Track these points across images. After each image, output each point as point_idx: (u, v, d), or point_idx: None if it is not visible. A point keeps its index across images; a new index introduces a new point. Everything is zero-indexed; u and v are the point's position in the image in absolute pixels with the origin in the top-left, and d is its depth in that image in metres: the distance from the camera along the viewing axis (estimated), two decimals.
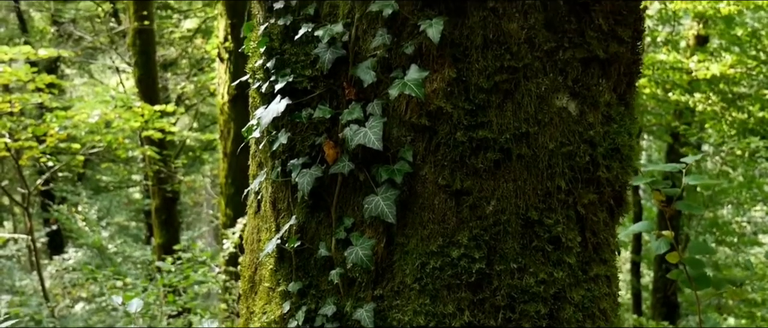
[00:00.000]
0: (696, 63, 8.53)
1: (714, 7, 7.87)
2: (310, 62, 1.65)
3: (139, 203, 13.81)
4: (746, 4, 7.92)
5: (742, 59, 8.53)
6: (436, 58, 1.56)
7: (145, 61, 9.59)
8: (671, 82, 9.01)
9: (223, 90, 8.02)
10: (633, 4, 1.68)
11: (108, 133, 8.55)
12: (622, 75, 1.72)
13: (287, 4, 1.66)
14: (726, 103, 9.19)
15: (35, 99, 8.14)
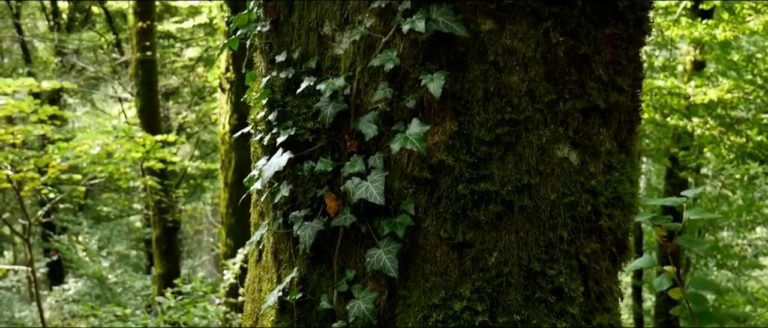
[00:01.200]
0: (693, 88, 8.58)
1: (710, 33, 7.92)
2: (312, 115, 1.66)
3: (139, 232, 13.78)
4: (742, 29, 7.96)
5: (738, 84, 8.58)
6: (437, 112, 1.57)
7: (147, 91, 9.64)
8: (669, 106, 9.05)
9: (224, 120, 8.04)
10: (632, 53, 1.69)
11: (109, 163, 8.56)
12: (623, 123, 1.73)
13: (289, 57, 1.68)
14: (724, 128, 9.21)
15: (38, 131, 8.17)
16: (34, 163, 8.05)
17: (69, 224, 11.54)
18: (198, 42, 12.40)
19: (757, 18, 7.63)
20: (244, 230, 7.51)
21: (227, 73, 7.82)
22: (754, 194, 10.25)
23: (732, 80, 8.53)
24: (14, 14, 12.03)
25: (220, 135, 8.17)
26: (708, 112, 9.03)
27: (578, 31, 1.57)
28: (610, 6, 1.59)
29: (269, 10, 1.69)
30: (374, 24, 1.58)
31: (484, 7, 1.52)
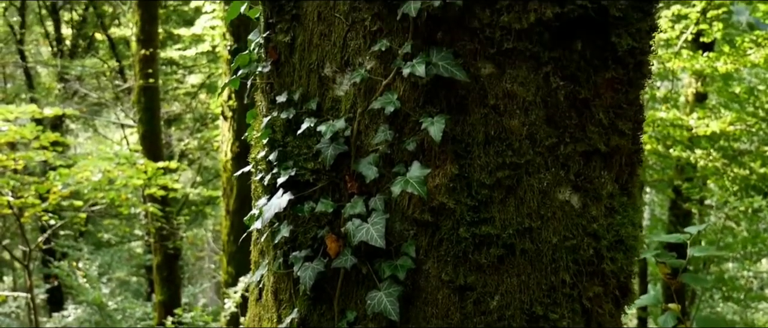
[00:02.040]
0: (696, 120, 8.58)
1: (711, 66, 7.95)
2: (313, 155, 1.66)
3: (140, 258, 13.73)
4: (743, 62, 7.99)
5: (741, 116, 8.58)
6: (438, 154, 1.56)
7: (149, 118, 9.68)
8: (672, 138, 9.05)
9: (226, 147, 8.06)
10: (632, 96, 1.69)
11: (111, 189, 8.56)
12: (624, 166, 1.72)
13: (290, 98, 1.68)
14: (727, 160, 9.21)
15: (39, 157, 8.18)
16: (36, 189, 8.05)
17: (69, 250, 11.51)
18: (200, 69, 12.49)
19: (758, 51, 7.66)
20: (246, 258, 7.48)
21: (229, 101, 7.85)
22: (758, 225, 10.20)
23: (734, 112, 8.54)
24: (18, 40, 12.13)
25: (222, 163, 8.18)
26: (711, 144, 9.03)
27: (578, 76, 1.57)
28: (609, 51, 1.59)
29: (270, 51, 1.70)
30: (374, 66, 1.58)
31: (484, 51, 1.53)
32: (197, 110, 12.28)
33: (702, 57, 7.97)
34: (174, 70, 12.38)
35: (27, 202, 7.99)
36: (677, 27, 8.10)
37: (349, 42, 1.60)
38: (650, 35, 1.70)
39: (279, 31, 1.69)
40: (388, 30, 1.56)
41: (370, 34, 1.58)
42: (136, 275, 13.88)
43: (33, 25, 12.83)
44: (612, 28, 1.58)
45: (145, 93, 9.50)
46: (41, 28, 12.79)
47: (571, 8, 1.52)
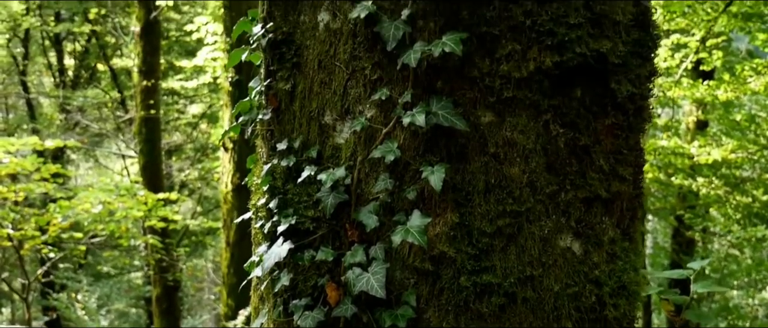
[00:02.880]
0: (697, 148, 8.58)
1: (712, 94, 7.97)
2: (313, 203, 1.65)
3: (139, 290, 13.65)
4: (743, 90, 8.02)
5: (742, 144, 8.58)
6: (438, 203, 1.56)
7: (150, 149, 9.70)
8: (673, 166, 9.05)
9: (226, 179, 8.06)
10: (632, 141, 1.69)
11: (110, 221, 8.55)
12: (625, 211, 1.71)
13: (290, 145, 1.68)
14: (729, 187, 9.19)
15: (40, 189, 8.19)
16: (36, 221, 8.04)
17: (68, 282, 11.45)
18: (202, 98, 12.55)
19: (758, 79, 7.69)
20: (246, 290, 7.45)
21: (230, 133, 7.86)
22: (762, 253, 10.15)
23: (735, 140, 8.55)
24: (21, 71, 12.22)
25: (222, 194, 8.17)
26: (712, 171, 9.02)
27: (578, 123, 1.57)
28: (609, 97, 1.59)
29: (271, 99, 1.70)
30: (375, 115, 1.58)
31: (483, 100, 1.53)
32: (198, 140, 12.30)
33: (702, 85, 8.00)
34: (175, 100, 12.44)
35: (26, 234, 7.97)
36: (677, 56, 8.14)
37: (349, 90, 1.60)
38: (650, 80, 1.71)
39: (280, 79, 1.70)
40: (388, 79, 1.56)
41: (370, 82, 1.58)
42: (136, 307, 13.79)
43: (36, 57, 12.93)
44: (611, 74, 1.59)
45: (146, 124, 9.54)
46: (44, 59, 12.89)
47: (571, 56, 1.52)
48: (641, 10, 1.65)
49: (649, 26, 1.67)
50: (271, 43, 1.69)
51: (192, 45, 10.84)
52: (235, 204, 7.85)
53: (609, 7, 1.56)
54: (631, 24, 1.61)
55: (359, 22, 1.56)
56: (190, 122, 11.87)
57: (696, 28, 7.47)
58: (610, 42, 1.56)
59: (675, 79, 8.07)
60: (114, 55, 12.54)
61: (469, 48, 1.51)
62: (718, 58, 8.07)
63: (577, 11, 1.52)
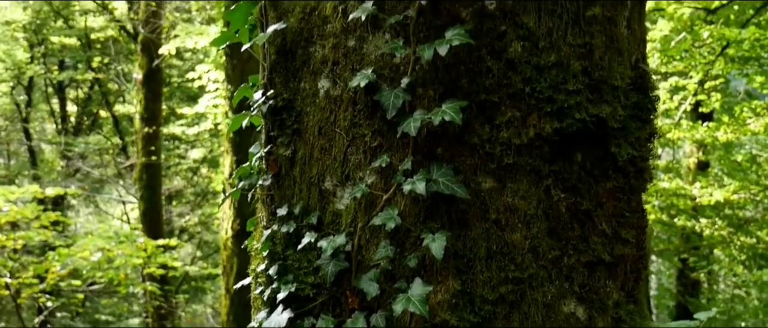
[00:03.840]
0: (699, 189, 8.57)
1: (712, 136, 7.99)
2: (313, 270, 1.63)
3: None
4: (743, 132, 8.04)
5: (744, 185, 8.58)
6: (439, 270, 1.54)
7: (150, 195, 9.69)
8: (676, 207, 9.02)
9: (227, 225, 8.02)
10: (634, 203, 1.68)
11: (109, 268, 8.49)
12: (629, 273, 1.69)
13: (290, 211, 1.67)
14: (733, 228, 9.15)
15: (39, 237, 8.16)
16: (34, 269, 7.99)
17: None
18: (203, 143, 12.59)
19: (757, 120, 7.72)
20: None
21: (231, 179, 7.86)
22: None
23: (737, 181, 8.54)
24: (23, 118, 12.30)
25: (222, 240, 8.13)
26: (715, 212, 8.99)
27: (579, 187, 1.57)
28: (610, 161, 1.59)
29: (271, 164, 1.70)
30: (375, 181, 1.57)
31: (484, 166, 1.52)
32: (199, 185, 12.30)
33: (702, 127, 8.03)
34: (176, 145, 12.47)
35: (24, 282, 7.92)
36: (676, 98, 8.19)
37: (349, 157, 1.60)
38: (650, 141, 1.70)
39: (280, 145, 1.70)
40: (388, 145, 1.56)
41: (370, 149, 1.58)
42: None
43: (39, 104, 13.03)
44: (611, 138, 1.59)
45: (147, 170, 9.55)
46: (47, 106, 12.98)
47: (570, 122, 1.52)
48: (639, 74, 1.66)
49: (647, 89, 1.67)
50: (271, 110, 1.70)
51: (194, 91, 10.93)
52: (236, 251, 7.79)
53: (607, 73, 1.57)
54: (629, 88, 1.62)
55: (359, 91, 1.56)
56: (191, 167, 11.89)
57: (693, 70, 7.53)
58: (609, 107, 1.56)
59: (674, 121, 8.10)
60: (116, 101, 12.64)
61: (469, 115, 1.51)
62: (716, 100, 8.12)
63: (575, 77, 1.53)
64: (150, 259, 8.34)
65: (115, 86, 12.28)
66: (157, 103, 9.60)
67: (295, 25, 1.68)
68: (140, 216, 9.79)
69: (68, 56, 11.87)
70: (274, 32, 1.68)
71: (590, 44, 1.56)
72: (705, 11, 6.98)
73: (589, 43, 1.56)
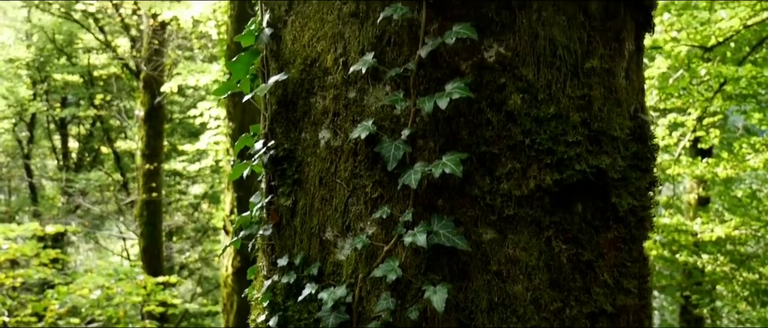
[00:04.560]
0: (700, 225, 8.55)
1: (711, 172, 8.00)
2: (314, 321, 1.62)
3: None
4: (743, 167, 8.05)
5: (745, 221, 8.55)
6: (441, 323, 1.53)
7: (150, 232, 9.66)
8: (677, 243, 8.98)
9: (227, 262, 7.98)
10: (636, 253, 1.68)
11: (109, 306, 8.42)
12: (632, 323, 1.68)
13: (291, 261, 1.67)
14: (735, 264, 9.10)
15: (38, 274, 8.12)
16: (32, 308, 7.93)
17: None
18: (204, 179, 12.59)
19: (756, 156, 7.73)
20: None
21: (231, 215, 7.85)
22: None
23: (738, 217, 8.52)
24: (25, 155, 12.33)
25: (222, 278, 8.08)
26: (717, 248, 8.95)
27: (580, 238, 1.56)
28: (610, 211, 1.59)
29: (272, 214, 1.70)
30: (376, 232, 1.57)
31: (485, 218, 1.52)
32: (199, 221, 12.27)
33: (701, 163, 8.04)
34: (177, 181, 12.48)
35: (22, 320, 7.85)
36: (675, 134, 8.22)
37: (350, 207, 1.61)
38: (650, 190, 1.71)
39: (281, 195, 1.70)
40: (389, 197, 1.56)
41: (371, 200, 1.58)
42: None
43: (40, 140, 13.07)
44: (612, 189, 1.59)
45: (147, 207, 9.54)
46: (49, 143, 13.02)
47: (570, 174, 1.53)
48: (638, 124, 1.67)
49: (646, 138, 1.68)
50: (272, 160, 1.70)
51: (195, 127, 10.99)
52: (236, 288, 7.74)
53: (606, 124, 1.58)
54: (628, 138, 1.63)
55: (360, 142, 1.57)
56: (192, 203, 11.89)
57: (692, 107, 7.57)
58: (609, 158, 1.57)
59: (674, 157, 8.12)
60: (118, 137, 12.68)
61: (470, 167, 1.52)
62: (715, 136, 8.15)
63: (575, 129, 1.54)
64: (149, 296, 8.29)
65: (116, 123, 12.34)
66: (159, 139, 9.63)
67: (297, 76, 1.70)
68: (140, 252, 9.75)
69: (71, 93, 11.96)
70: (276, 83, 1.70)
71: (589, 96, 1.58)
72: (702, 49, 7.05)
73: (588, 95, 1.57)
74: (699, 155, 8.74)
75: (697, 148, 9.06)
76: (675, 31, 7.08)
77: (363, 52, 1.59)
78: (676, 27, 7.05)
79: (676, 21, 6.99)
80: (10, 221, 11.29)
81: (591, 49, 1.60)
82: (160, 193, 9.62)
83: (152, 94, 9.33)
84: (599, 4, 1.62)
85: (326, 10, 1.66)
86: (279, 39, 1.74)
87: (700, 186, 9.59)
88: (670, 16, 7.05)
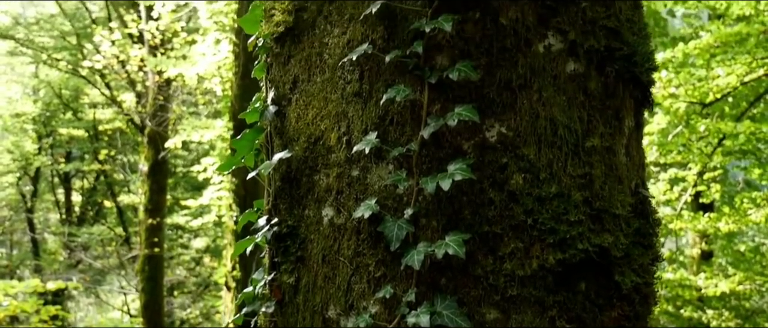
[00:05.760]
0: (704, 280, 8.48)
1: (714, 226, 7.98)
2: None
3: None
4: (745, 222, 8.03)
5: (749, 275, 8.49)
6: None
7: (152, 287, 9.60)
8: (682, 299, 8.89)
9: (229, 318, 7.91)
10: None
11: None
12: None
13: None
14: (740, 320, 8.99)
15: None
16: None
17: None
18: (206, 232, 12.56)
19: (758, 211, 7.72)
20: None
21: (233, 272, 7.81)
22: None
23: (742, 272, 8.46)
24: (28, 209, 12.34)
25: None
26: (722, 303, 8.86)
27: (584, 317, 1.56)
28: (614, 289, 1.59)
29: (275, 291, 1.70)
30: (379, 311, 1.57)
31: (488, 298, 1.52)
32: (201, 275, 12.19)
33: (703, 218, 8.02)
34: (179, 235, 12.45)
35: None
36: (676, 189, 8.22)
37: (353, 286, 1.61)
38: (653, 266, 1.71)
39: (284, 272, 1.71)
40: (392, 276, 1.57)
41: (374, 279, 1.58)
42: None
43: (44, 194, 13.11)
44: (615, 267, 1.59)
45: (149, 262, 9.50)
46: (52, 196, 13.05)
47: (573, 253, 1.54)
48: (640, 199, 1.69)
49: (648, 214, 1.69)
50: (275, 236, 1.71)
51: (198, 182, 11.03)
52: None
53: (608, 202, 1.59)
54: (630, 215, 1.64)
55: (363, 221, 1.59)
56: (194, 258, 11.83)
57: (692, 162, 7.60)
58: (611, 236, 1.58)
59: (676, 212, 8.11)
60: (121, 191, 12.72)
61: (472, 246, 1.53)
62: (716, 191, 8.16)
63: (577, 208, 1.55)
64: None
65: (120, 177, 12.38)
66: (162, 195, 9.66)
67: (300, 153, 1.72)
68: (141, 308, 9.67)
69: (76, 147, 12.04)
70: (280, 160, 1.72)
71: (590, 174, 1.59)
72: (700, 105, 7.12)
73: (589, 173, 1.59)
74: (701, 210, 8.74)
75: (699, 203, 9.05)
76: (673, 87, 7.16)
77: (366, 131, 1.62)
78: (674, 83, 7.14)
79: (674, 78, 7.08)
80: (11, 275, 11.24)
81: (591, 128, 1.62)
82: (162, 247, 9.59)
83: (156, 149, 9.40)
84: (598, 84, 1.65)
85: (330, 89, 1.69)
86: (283, 116, 1.77)
87: (703, 240, 9.55)
88: (668, 73, 7.14)
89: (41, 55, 11.87)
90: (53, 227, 12.69)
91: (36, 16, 13.23)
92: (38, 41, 12.25)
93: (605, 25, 1.67)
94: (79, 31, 11.75)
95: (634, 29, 1.75)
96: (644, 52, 1.75)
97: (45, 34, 12.32)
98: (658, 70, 7.15)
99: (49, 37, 12.23)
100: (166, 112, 9.59)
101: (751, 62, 6.72)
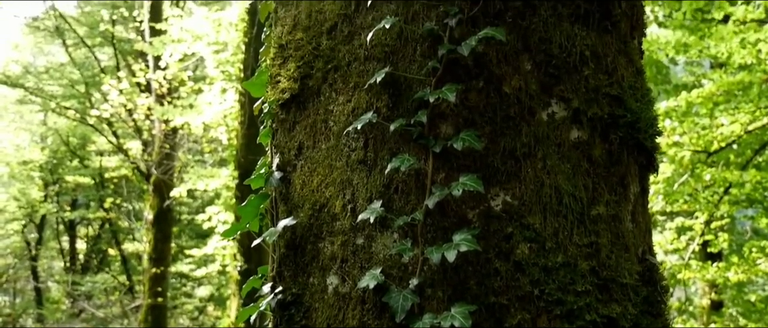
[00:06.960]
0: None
1: (723, 276, 7.88)
2: None
3: None
4: (754, 272, 7.93)
5: (760, 326, 8.34)
6: None
7: None
8: None
9: None
10: None
11: None
12: None
13: None
14: None
15: None
16: None
17: None
18: (210, 280, 12.48)
19: (767, 261, 7.64)
20: None
21: (236, 321, 7.73)
22: None
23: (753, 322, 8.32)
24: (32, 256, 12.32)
25: None
26: None
27: None
28: None
29: None
30: None
31: None
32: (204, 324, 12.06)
33: (712, 267, 7.94)
34: (183, 283, 12.38)
35: None
36: (683, 238, 8.16)
37: None
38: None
39: None
40: None
41: None
42: None
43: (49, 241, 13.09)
44: None
45: (152, 311, 9.42)
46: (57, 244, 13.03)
47: (581, 325, 1.51)
48: (647, 267, 1.67)
49: (656, 281, 1.67)
50: (280, 304, 1.70)
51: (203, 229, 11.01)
52: None
53: (615, 271, 1.58)
54: (638, 283, 1.62)
55: (368, 290, 1.57)
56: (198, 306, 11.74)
57: (699, 211, 7.56)
58: (619, 306, 1.56)
59: (684, 261, 8.02)
60: (126, 239, 12.70)
61: (479, 317, 1.51)
62: (724, 240, 8.08)
63: (584, 278, 1.54)
64: None
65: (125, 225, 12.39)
66: (167, 243, 9.63)
67: (305, 220, 1.72)
68: None
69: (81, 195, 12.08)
70: (284, 227, 1.72)
71: (597, 243, 1.58)
72: (705, 154, 7.11)
73: (595, 242, 1.58)
74: (709, 258, 8.65)
75: (707, 252, 8.97)
76: (677, 136, 7.17)
77: (371, 200, 1.62)
78: (678, 132, 7.15)
79: (678, 126, 7.10)
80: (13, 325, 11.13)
81: (596, 196, 1.62)
82: (165, 297, 9.52)
83: (161, 198, 9.42)
84: (603, 151, 1.66)
85: (335, 157, 1.70)
86: (288, 182, 1.77)
87: (713, 290, 9.43)
88: (672, 122, 7.16)
89: (50, 103, 12.02)
90: (57, 276, 12.65)
91: (46, 65, 13.45)
92: (47, 90, 12.42)
93: (608, 93, 1.68)
94: (88, 79, 11.94)
95: (637, 95, 1.75)
96: (648, 117, 1.75)
97: (54, 82, 12.50)
98: (662, 119, 7.18)
99: (58, 86, 12.41)
100: (172, 161, 9.64)
101: (755, 110, 6.74)
